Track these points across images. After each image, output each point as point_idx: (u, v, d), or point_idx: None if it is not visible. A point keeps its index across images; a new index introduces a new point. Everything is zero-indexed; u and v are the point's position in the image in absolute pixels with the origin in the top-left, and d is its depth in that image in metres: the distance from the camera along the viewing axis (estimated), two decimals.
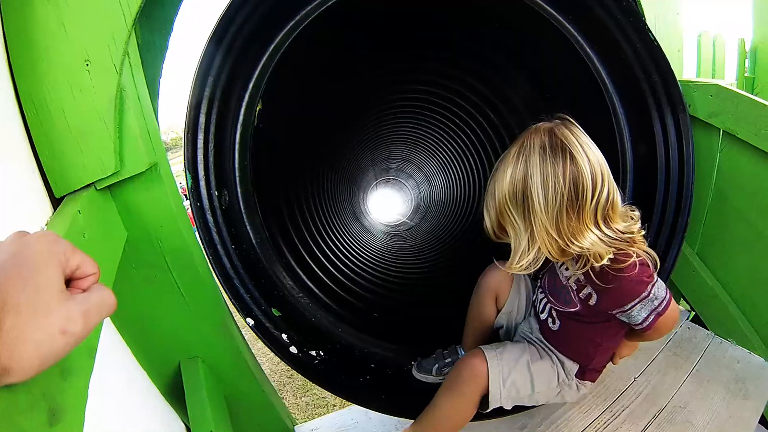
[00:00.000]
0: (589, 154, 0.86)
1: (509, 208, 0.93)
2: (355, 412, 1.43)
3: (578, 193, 0.85)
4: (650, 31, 1.27)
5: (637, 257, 0.90)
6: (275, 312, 1.18)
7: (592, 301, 1.00)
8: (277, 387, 2.97)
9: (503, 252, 1.34)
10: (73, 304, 0.41)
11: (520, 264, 0.94)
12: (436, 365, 1.31)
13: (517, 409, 1.27)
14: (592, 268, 0.91)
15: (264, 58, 1.18)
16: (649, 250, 0.93)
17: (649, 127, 1.35)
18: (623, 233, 0.90)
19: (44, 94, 0.78)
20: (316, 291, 1.41)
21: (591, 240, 0.87)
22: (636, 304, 0.93)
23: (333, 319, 1.31)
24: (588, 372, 1.14)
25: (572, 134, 0.88)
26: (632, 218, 0.93)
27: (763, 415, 1.25)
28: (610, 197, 0.87)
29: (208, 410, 1.00)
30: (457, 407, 1.06)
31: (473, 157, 2.27)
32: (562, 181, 0.85)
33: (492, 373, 1.04)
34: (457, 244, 2.34)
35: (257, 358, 1.34)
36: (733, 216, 1.39)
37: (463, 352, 1.32)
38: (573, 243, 0.88)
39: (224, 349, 1.13)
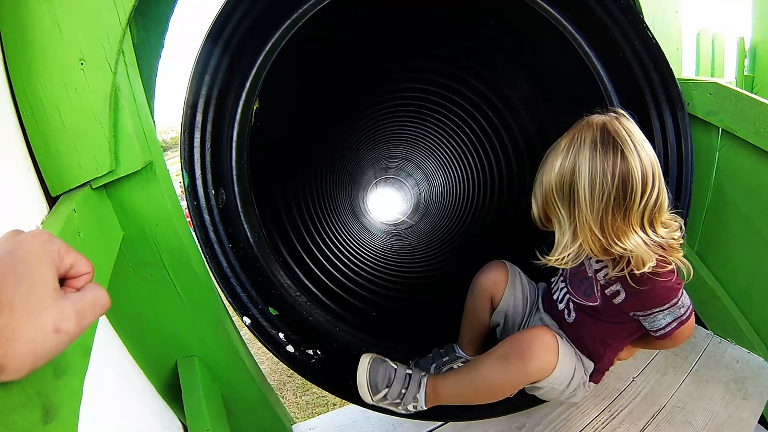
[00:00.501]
0: (641, 153, 0.83)
1: (555, 200, 0.92)
2: (353, 411, 1.42)
3: (626, 192, 0.83)
4: (649, 30, 1.27)
5: (674, 266, 0.89)
6: (272, 311, 1.18)
7: (618, 300, 0.97)
8: (277, 386, 2.98)
9: (504, 252, 1.34)
10: (67, 303, 0.42)
11: (562, 257, 0.93)
12: (434, 364, 1.30)
13: (514, 408, 1.27)
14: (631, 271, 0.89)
15: (261, 56, 1.18)
16: (684, 259, 0.91)
17: (647, 126, 1.34)
18: (665, 239, 0.88)
19: (39, 92, 0.78)
20: (314, 290, 1.41)
21: (635, 242, 0.85)
22: (664, 309, 0.92)
23: (331, 318, 1.30)
24: (594, 373, 1.13)
25: (625, 130, 0.85)
26: (674, 225, 0.91)
27: (762, 416, 1.25)
28: (659, 200, 0.85)
29: (204, 409, 1.00)
30: (504, 380, 1.01)
31: (472, 156, 2.27)
32: (610, 179, 0.83)
33: (561, 357, 0.99)
34: (457, 243, 2.34)
35: (257, 358, 1.34)
36: (732, 215, 1.38)
37: (460, 350, 1.31)
38: (616, 243, 0.86)
39: (221, 347, 1.13)
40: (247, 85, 1.19)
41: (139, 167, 0.88)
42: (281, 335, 1.16)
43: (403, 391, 1.10)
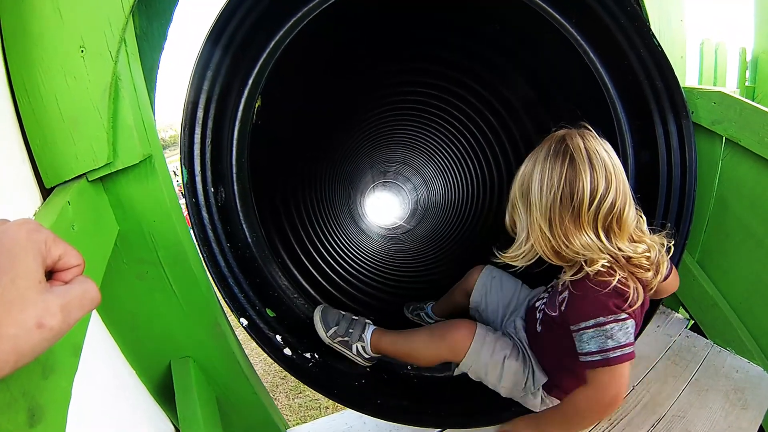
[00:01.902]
0: (596, 163, 0.87)
1: (517, 203, 0.98)
2: (348, 416, 1.40)
3: (573, 196, 0.87)
4: (655, 37, 1.26)
5: (622, 284, 0.88)
6: (270, 313, 1.15)
7: (563, 307, 1.00)
8: (269, 388, 2.95)
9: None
10: (52, 297, 0.39)
11: (515, 254, 0.99)
12: (411, 307, 1.61)
13: (514, 415, 1.26)
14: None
15: (265, 54, 1.17)
16: (645, 296, 0.91)
17: (651, 133, 1.34)
18: (621, 251, 0.89)
19: (37, 80, 0.76)
20: (312, 292, 1.39)
21: (584, 242, 0.88)
22: (590, 327, 0.91)
23: None
24: (555, 390, 1.13)
25: (582, 141, 0.89)
26: (644, 244, 0.91)
27: (761, 426, 1.24)
28: (615, 210, 0.87)
29: (198, 412, 0.97)
30: (426, 351, 1.17)
31: (472, 161, 2.26)
32: (556, 182, 0.88)
33: (471, 349, 1.12)
34: (455, 248, 2.32)
35: (250, 359, 1.31)
36: (734, 224, 1.38)
37: (429, 309, 1.55)
38: (566, 245, 0.90)
39: (216, 349, 1.10)
40: (250, 82, 1.18)
41: (137, 160, 0.86)
42: (278, 338, 1.14)
43: (350, 330, 1.27)
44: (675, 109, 1.30)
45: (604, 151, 0.89)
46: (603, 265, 0.89)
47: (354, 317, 1.30)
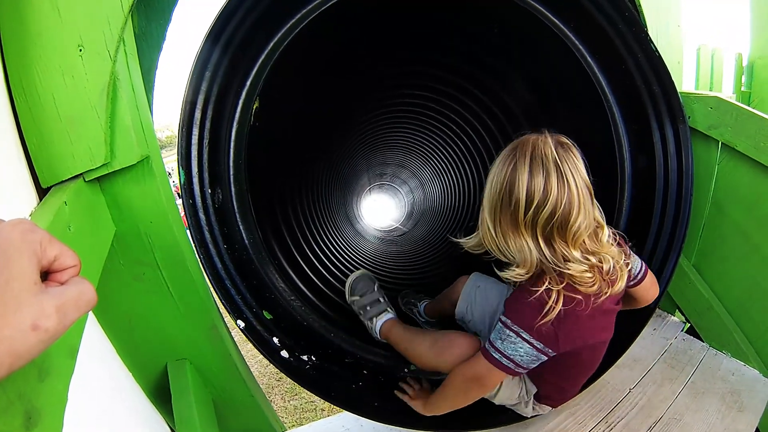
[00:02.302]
0: (535, 171, 0.84)
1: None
2: (345, 418, 1.40)
3: (511, 198, 0.87)
4: (652, 42, 1.27)
5: (547, 295, 0.88)
6: (267, 315, 1.15)
7: None
8: (265, 390, 2.94)
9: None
10: (47, 298, 0.38)
11: (466, 242, 1.02)
12: (405, 300, 1.63)
13: (509, 420, 1.26)
14: None
15: (263, 55, 1.16)
16: (559, 316, 0.89)
17: (648, 138, 1.34)
18: (561, 262, 0.87)
19: (35, 78, 0.75)
20: (309, 294, 1.39)
21: (520, 245, 0.88)
22: (501, 321, 0.95)
23: (325, 323, 1.28)
24: (543, 398, 1.16)
25: (533, 148, 0.87)
26: (587, 263, 0.88)
27: (757, 429, 1.24)
28: (556, 218, 0.84)
29: (194, 414, 0.96)
30: (426, 359, 1.18)
31: (469, 164, 2.26)
32: (498, 181, 0.89)
33: None
34: (451, 251, 2.32)
35: (246, 361, 1.30)
36: (730, 228, 1.39)
37: (422, 307, 1.54)
38: (505, 245, 0.91)
39: (213, 351, 1.09)
40: (248, 83, 1.17)
41: (135, 161, 0.85)
42: (275, 340, 1.13)
43: (368, 308, 1.37)
44: (672, 113, 1.30)
45: (558, 158, 0.85)
46: (537, 273, 0.90)
47: (380, 299, 1.40)
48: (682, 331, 1.64)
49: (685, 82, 1.53)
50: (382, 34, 1.63)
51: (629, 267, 0.98)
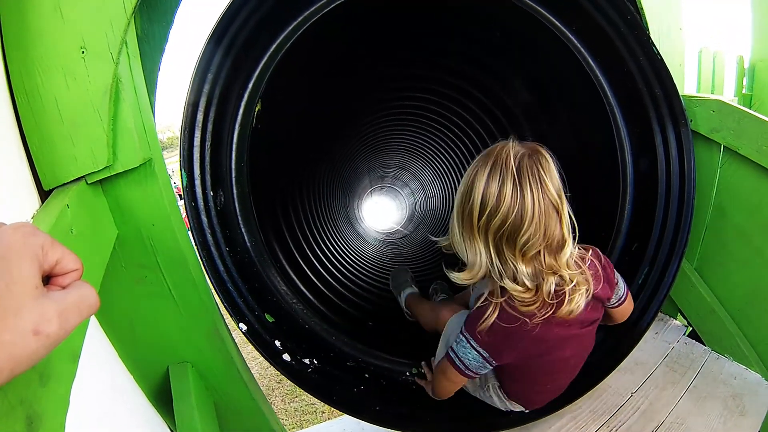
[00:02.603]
0: (493, 177, 0.84)
1: None
2: (346, 421, 1.39)
3: (469, 202, 0.87)
4: (654, 45, 1.27)
5: (488, 308, 0.90)
6: (269, 318, 1.14)
7: None
8: (265, 391, 2.93)
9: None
10: (49, 303, 0.37)
11: (441, 241, 1.02)
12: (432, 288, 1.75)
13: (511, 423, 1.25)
14: None
15: (266, 57, 1.16)
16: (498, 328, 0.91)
17: (650, 141, 1.34)
18: (501, 272, 0.88)
19: (37, 80, 0.75)
20: (310, 297, 1.38)
21: (474, 249, 0.89)
22: (452, 331, 1.04)
23: (327, 326, 1.27)
24: (510, 395, 1.16)
25: (496, 156, 0.86)
26: (527, 285, 0.88)
27: None
28: (506, 227, 0.84)
29: (196, 417, 0.96)
30: (425, 319, 1.41)
31: None
32: (463, 184, 0.90)
33: (446, 327, 1.22)
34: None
35: (246, 363, 1.30)
36: (732, 232, 1.38)
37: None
38: (463, 246, 0.91)
39: (215, 354, 1.09)
40: (250, 85, 1.17)
41: (137, 164, 0.84)
42: (277, 343, 1.13)
43: (400, 286, 1.67)
44: (674, 117, 1.30)
45: (518, 168, 0.84)
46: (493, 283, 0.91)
47: (408, 281, 1.70)
48: (684, 334, 1.64)
49: (686, 84, 1.53)
50: (384, 37, 1.63)
51: (614, 293, 1.02)
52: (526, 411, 1.21)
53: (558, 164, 0.88)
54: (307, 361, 1.18)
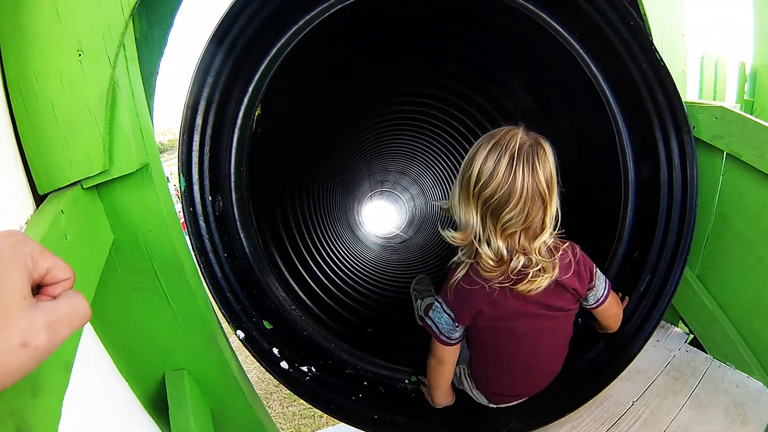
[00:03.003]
0: (490, 157, 0.93)
1: None
2: (344, 430, 1.37)
3: (468, 172, 0.96)
4: (657, 51, 1.26)
5: (465, 268, 1.01)
6: (267, 324, 1.13)
7: None
8: (263, 395, 2.92)
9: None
10: (38, 314, 0.37)
11: (444, 204, 1.12)
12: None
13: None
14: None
15: (266, 61, 1.15)
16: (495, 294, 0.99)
17: (652, 147, 1.34)
18: (480, 238, 0.97)
19: (32, 83, 0.73)
20: (309, 303, 1.37)
21: (467, 212, 0.98)
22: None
23: (326, 333, 1.25)
24: (480, 384, 1.20)
25: (500, 137, 0.94)
26: (490, 254, 0.96)
27: None
28: (493, 201, 0.93)
29: (192, 425, 0.95)
30: None
31: None
32: (468, 156, 0.98)
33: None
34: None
35: (244, 367, 1.28)
36: (734, 239, 1.37)
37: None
38: (459, 210, 1.00)
39: (212, 361, 1.07)
40: (250, 90, 1.16)
41: (134, 169, 0.83)
42: (275, 350, 1.11)
43: (420, 294, 1.66)
44: (676, 123, 1.29)
45: (517, 151, 0.91)
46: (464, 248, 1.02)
47: (429, 289, 1.69)
48: (685, 342, 1.63)
49: (688, 90, 1.52)
50: (385, 41, 1.63)
51: (591, 291, 1.09)
52: (492, 406, 1.22)
53: (557, 160, 0.97)
54: (305, 368, 1.16)
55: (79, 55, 0.74)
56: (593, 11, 1.25)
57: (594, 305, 1.12)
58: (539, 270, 0.95)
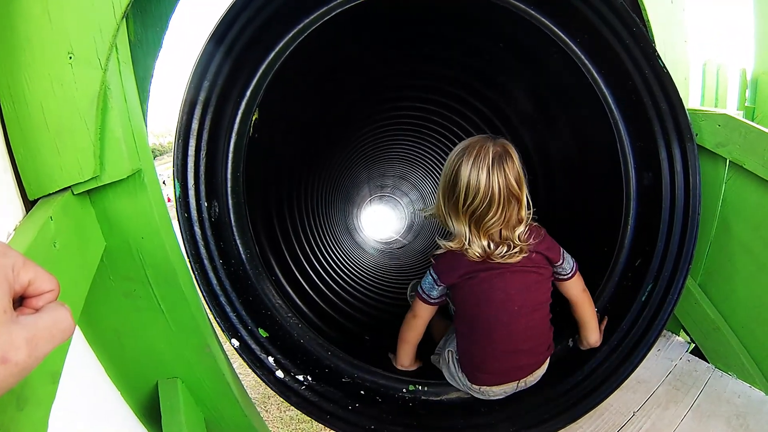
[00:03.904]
0: (473, 174, 1.04)
1: None
2: None
3: (455, 187, 1.08)
4: (660, 58, 1.25)
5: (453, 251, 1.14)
6: (262, 332, 1.11)
7: None
8: (261, 399, 2.90)
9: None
10: (17, 329, 0.35)
11: (427, 211, 1.26)
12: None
13: None
14: None
15: (264, 64, 1.14)
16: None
17: (654, 155, 1.32)
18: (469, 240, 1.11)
19: (23, 86, 0.72)
20: (306, 311, 1.35)
21: (460, 228, 1.11)
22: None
23: (323, 341, 1.23)
24: (462, 361, 1.25)
25: (481, 151, 1.05)
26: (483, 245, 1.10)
27: None
28: (477, 214, 1.06)
29: None
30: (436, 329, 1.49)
31: None
32: (448, 171, 1.09)
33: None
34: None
35: (240, 371, 1.26)
36: (736, 247, 1.36)
37: None
38: (451, 221, 1.13)
39: (206, 370, 1.05)
40: (248, 93, 1.15)
41: (125, 175, 0.81)
42: (271, 359, 1.09)
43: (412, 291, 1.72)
44: (679, 131, 1.28)
45: (494, 162, 1.04)
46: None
47: None
48: (686, 351, 1.61)
49: (690, 98, 1.51)
50: (385, 46, 1.61)
51: (560, 267, 1.22)
52: (477, 388, 1.23)
53: (519, 155, 1.10)
54: (300, 377, 1.14)
55: (70, 58, 0.72)
56: (595, 17, 1.24)
57: (563, 277, 1.23)
58: (518, 250, 1.11)
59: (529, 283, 1.16)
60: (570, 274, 1.23)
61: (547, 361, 1.25)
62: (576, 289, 1.26)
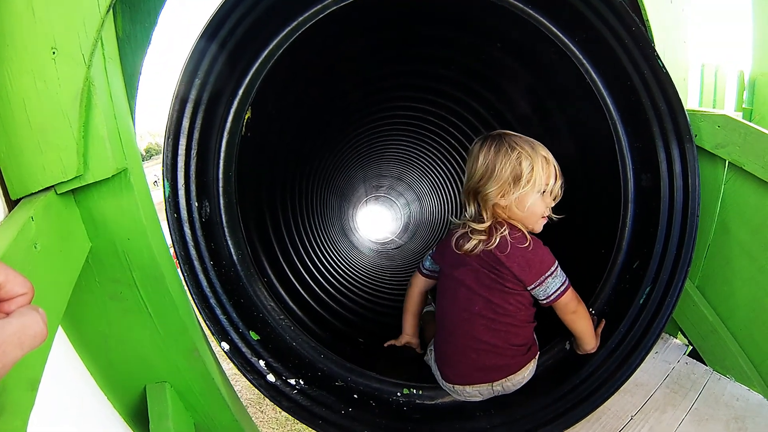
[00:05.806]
0: (491, 155, 1.13)
1: None
2: None
3: (489, 180, 1.14)
4: (659, 59, 1.23)
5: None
6: (253, 335, 1.08)
7: None
8: (256, 400, 2.89)
9: None
10: None
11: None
12: None
13: None
14: None
15: (258, 62, 1.12)
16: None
17: (653, 156, 1.31)
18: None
19: (6, 82, 0.69)
20: (299, 313, 1.32)
21: (471, 212, 1.18)
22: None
23: (316, 344, 1.21)
24: (435, 351, 1.28)
25: (493, 143, 1.14)
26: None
27: None
28: (481, 194, 1.15)
29: None
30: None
31: None
32: (481, 170, 1.15)
33: None
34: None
35: (233, 374, 1.23)
36: (735, 249, 1.34)
37: None
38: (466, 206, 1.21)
39: (195, 374, 1.02)
40: (240, 91, 1.13)
41: (110, 174, 0.79)
42: (262, 363, 1.07)
43: None
44: (678, 132, 1.27)
45: (496, 154, 1.13)
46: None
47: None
48: (684, 354, 1.59)
49: (689, 99, 1.50)
50: (382, 45, 1.59)
51: (534, 291, 1.16)
52: (450, 386, 1.21)
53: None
54: (293, 381, 1.12)
55: (53, 53, 0.69)
56: (594, 17, 1.22)
57: (544, 300, 1.16)
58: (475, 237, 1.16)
59: (492, 289, 1.15)
60: (546, 301, 1.16)
61: (530, 365, 1.21)
62: (560, 312, 1.19)
